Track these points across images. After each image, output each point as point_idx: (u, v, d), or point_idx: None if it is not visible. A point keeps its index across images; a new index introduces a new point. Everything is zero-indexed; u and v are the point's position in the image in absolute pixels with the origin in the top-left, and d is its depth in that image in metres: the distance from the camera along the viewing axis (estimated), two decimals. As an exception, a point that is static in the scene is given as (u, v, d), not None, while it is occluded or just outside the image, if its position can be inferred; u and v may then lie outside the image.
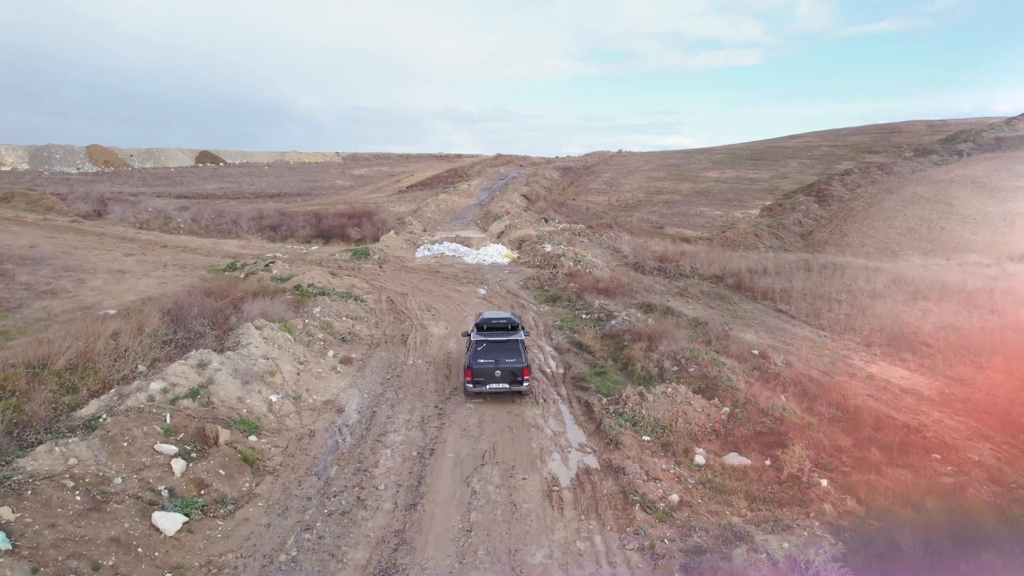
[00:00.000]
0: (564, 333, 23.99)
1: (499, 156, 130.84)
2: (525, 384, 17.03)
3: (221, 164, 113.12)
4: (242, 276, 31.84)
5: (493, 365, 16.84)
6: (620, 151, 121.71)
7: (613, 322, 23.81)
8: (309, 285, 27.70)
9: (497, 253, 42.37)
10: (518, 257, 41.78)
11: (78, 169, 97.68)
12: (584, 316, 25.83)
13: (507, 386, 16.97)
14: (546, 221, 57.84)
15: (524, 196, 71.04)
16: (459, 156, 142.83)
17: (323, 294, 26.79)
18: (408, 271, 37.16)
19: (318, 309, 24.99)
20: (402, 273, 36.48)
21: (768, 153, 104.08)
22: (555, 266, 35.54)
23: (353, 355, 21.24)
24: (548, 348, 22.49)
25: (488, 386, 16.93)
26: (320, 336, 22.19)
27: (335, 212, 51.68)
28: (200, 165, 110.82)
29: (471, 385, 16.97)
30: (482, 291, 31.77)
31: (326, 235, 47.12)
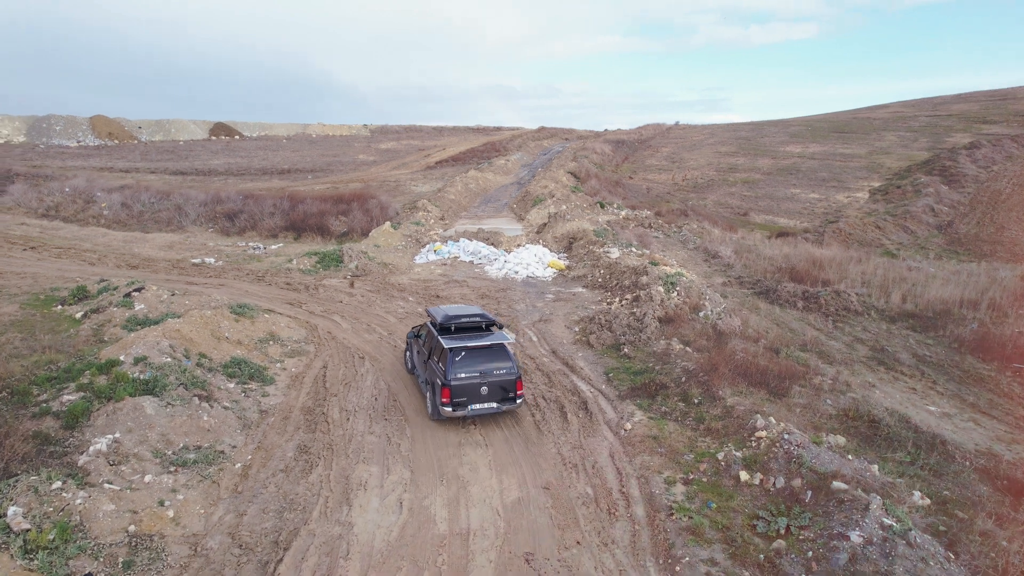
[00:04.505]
0: (709, 557, 8.30)
1: (542, 129, 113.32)
2: (518, 400, 12.03)
3: (236, 137, 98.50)
4: (79, 316, 16.90)
5: (478, 379, 11.80)
6: (677, 123, 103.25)
7: (854, 537, 7.94)
8: (138, 360, 12.47)
9: (536, 260, 26.57)
10: (568, 267, 25.93)
11: (78, 142, 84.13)
12: (743, 475, 9.95)
13: (495, 405, 11.93)
14: (602, 206, 41.62)
15: (572, 173, 54.65)
16: (498, 129, 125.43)
17: (153, 389, 11.53)
18: (393, 294, 21.77)
19: (103, 444, 9.87)
20: (381, 299, 21.12)
21: (854, 125, 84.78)
22: (634, 295, 19.52)
23: None
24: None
25: (471, 407, 11.77)
26: (-1, 592, 7.06)
27: (317, 195, 36.46)
28: (214, 138, 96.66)
29: (449, 408, 11.64)
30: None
31: (299, 227, 31.97)
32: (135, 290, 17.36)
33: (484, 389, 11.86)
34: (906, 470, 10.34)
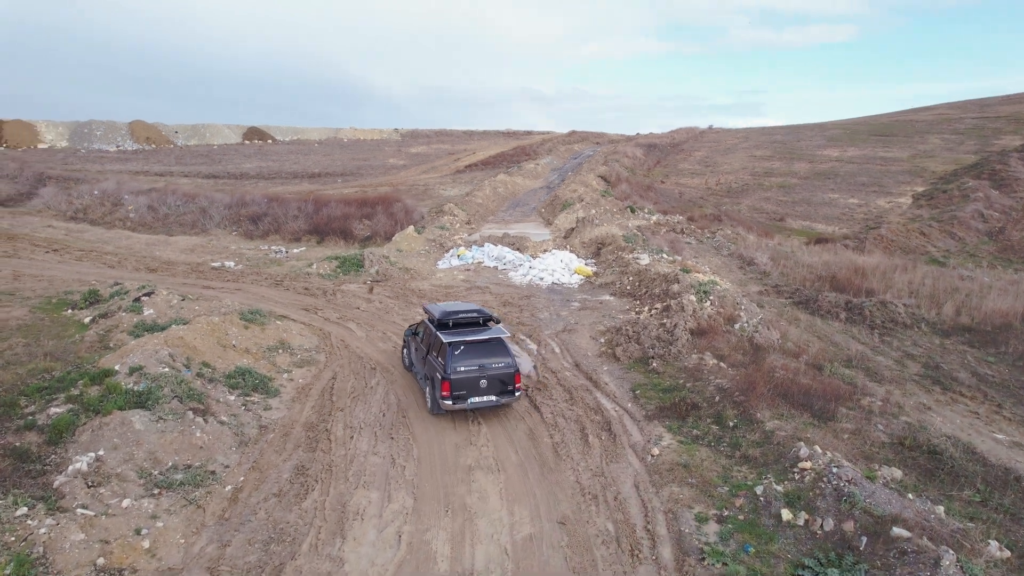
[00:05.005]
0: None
1: (573, 133, 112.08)
2: (517, 394, 12.15)
3: (269, 141, 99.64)
4: (87, 321, 16.41)
5: (477, 373, 11.85)
6: (711, 127, 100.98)
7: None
8: (133, 370, 11.80)
9: (562, 265, 25.50)
10: (595, 274, 24.78)
11: (117, 146, 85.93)
12: (785, 513, 8.77)
13: (494, 399, 12.02)
14: (632, 211, 40.30)
15: (602, 178, 53.42)
16: (528, 133, 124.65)
17: (145, 402, 10.84)
18: (412, 301, 20.93)
19: (83, 463, 9.13)
20: (400, 305, 20.28)
21: (896, 128, 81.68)
22: (664, 304, 18.32)
23: None
24: None
25: (470, 400, 11.84)
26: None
27: (341, 198, 35.94)
28: (247, 142, 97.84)
29: (449, 401, 11.72)
30: (525, 364, 14.98)
31: (322, 231, 31.46)
32: (145, 294, 16.82)
33: (483, 382, 11.93)
34: (977, 512, 8.99)
